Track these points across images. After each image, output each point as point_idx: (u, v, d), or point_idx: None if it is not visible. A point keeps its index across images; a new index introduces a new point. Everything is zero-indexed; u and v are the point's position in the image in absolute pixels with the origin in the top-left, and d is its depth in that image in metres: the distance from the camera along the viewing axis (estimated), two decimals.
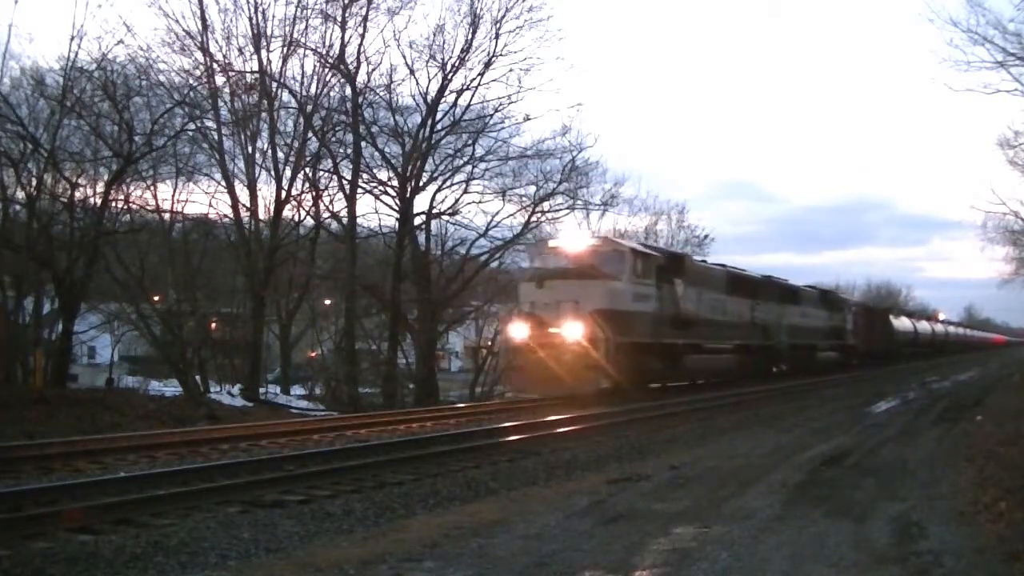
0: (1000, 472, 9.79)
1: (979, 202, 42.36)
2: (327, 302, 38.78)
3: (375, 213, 31.65)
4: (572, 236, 24.52)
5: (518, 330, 20.60)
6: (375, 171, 30.62)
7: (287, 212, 29.79)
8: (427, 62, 29.51)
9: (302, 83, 28.66)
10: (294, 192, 29.46)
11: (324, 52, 28.56)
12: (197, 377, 28.65)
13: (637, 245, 24.51)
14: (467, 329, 44.43)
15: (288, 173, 29.01)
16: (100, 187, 25.25)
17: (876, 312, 56.95)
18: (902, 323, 63.04)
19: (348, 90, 28.77)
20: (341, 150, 29.80)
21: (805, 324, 36.46)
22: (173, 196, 28.83)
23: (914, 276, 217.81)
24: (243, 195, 28.60)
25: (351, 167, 29.41)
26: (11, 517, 7.49)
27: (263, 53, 27.82)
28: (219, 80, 27.63)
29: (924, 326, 73.73)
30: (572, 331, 19.64)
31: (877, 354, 50.83)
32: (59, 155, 23.85)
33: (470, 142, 30.89)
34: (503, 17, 29.04)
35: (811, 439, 14.12)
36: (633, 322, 20.99)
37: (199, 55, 27.25)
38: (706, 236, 47.29)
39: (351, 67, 28.50)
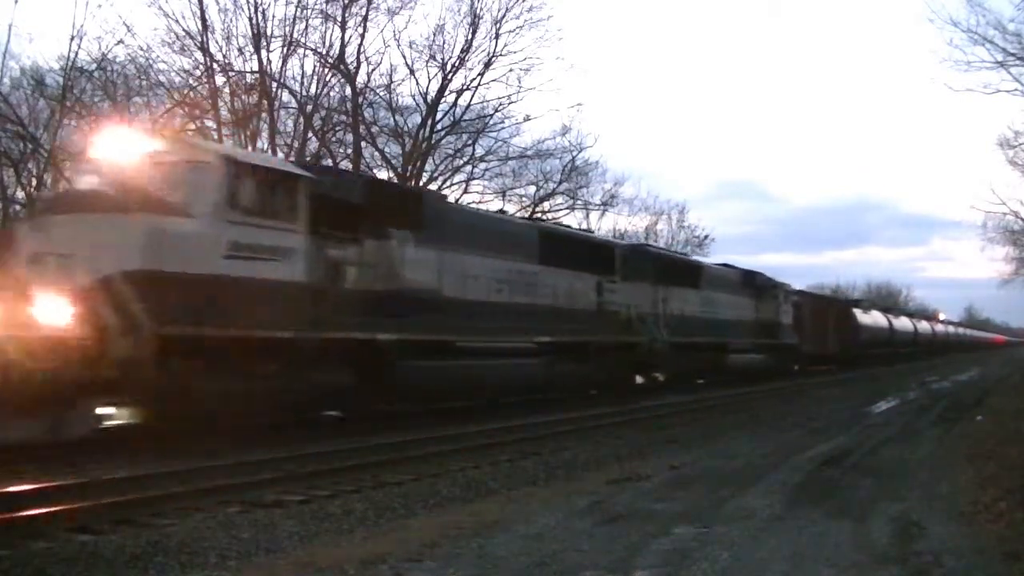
0: (1000, 472, 9.80)
1: (979, 202, 42.43)
2: None
3: None
4: (124, 134, 13.16)
5: None
6: (375, 171, 30.66)
7: None
8: (427, 62, 29.63)
9: (302, 83, 28.67)
10: None
11: (324, 52, 28.58)
12: None
13: (256, 156, 15.59)
14: None
15: None
16: None
17: (832, 305, 46.83)
18: (872, 319, 53.17)
19: (348, 90, 28.80)
20: (341, 150, 29.83)
21: (708, 315, 27.34)
22: None
23: (914, 276, 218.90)
24: None
25: (351, 167, 29.42)
26: (11, 517, 7.48)
27: (263, 53, 27.78)
28: (219, 80, 27.62)
29: (904, 323, 64.11)
30: (52, 314, 10.31)
31: (832, 357, 42.43)
32: (59, 155, 23.87)
33: (470, 142, 31.04)
34: (503, 17, 29.16)
35: (811, 439, 14.13)
36: (231, 299, 11.32)
37: (199, 55, 27.22)
38: (706, 236, 47.42)
39: (351, 67, 28.53)
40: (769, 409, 20.45)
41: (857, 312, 48.93)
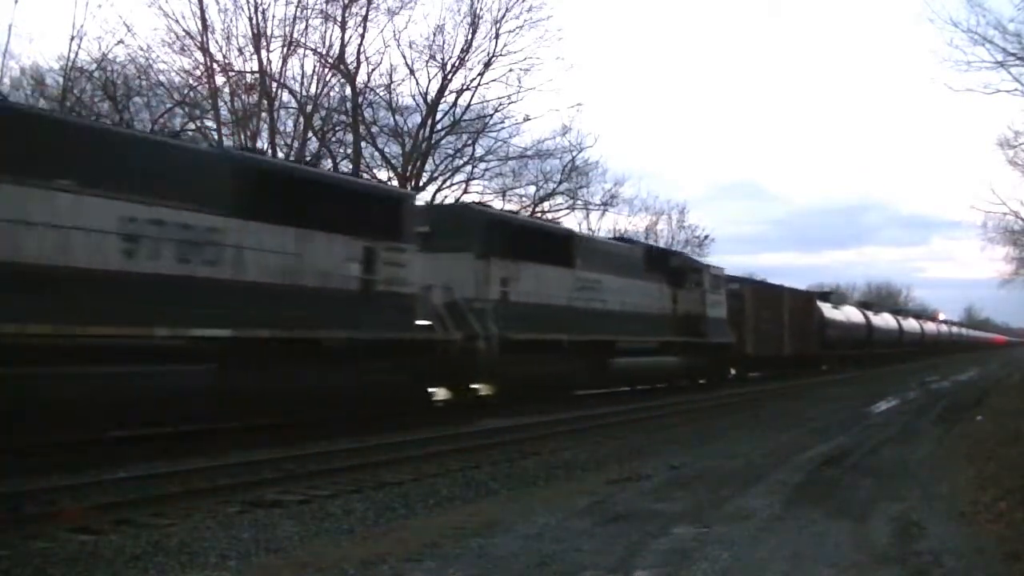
0: (1000, 472, 9.80)
1: (979, 202, 42.62)
2: None
3: None
4: None
5: None
6: (375, 171, 30.71)
7: None
8: (427, 62, 29.67)
9: (302, 83, 28.68)
10: None
11: (324, 52, 28.58)
12: None
13: None
14: None
15: None
16: None
17: (789, 296, 36.77)
18: (845, 315, 46.24)
19: (348, 90, 28.81)
20: (341, 150, 29.85)
21: (586, 304, 20.45)
22: None
23: (914, 276, 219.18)
24: None
25: (351, 167, 29.45)
26: (10, 517, 7.48)
27: (263, 53, 27.80)
28: (219, 80, 27.62)
29: (886, 321, 56.34)
30: None
31: (788, 360, 35.16)
32: None
33: (470, 142, 31.07)
34: (503, 17, 29.21)
35: (811, 439, 14.13)
36: None
37: (199, 55, 27.23)
38: (706, 236, 47.35)
39: (351, 67, 28.54)
40: (769, 409, 20.46)
41: (824, 306, 42.25)
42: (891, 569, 6.21)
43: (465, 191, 31.33)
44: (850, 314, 47.87)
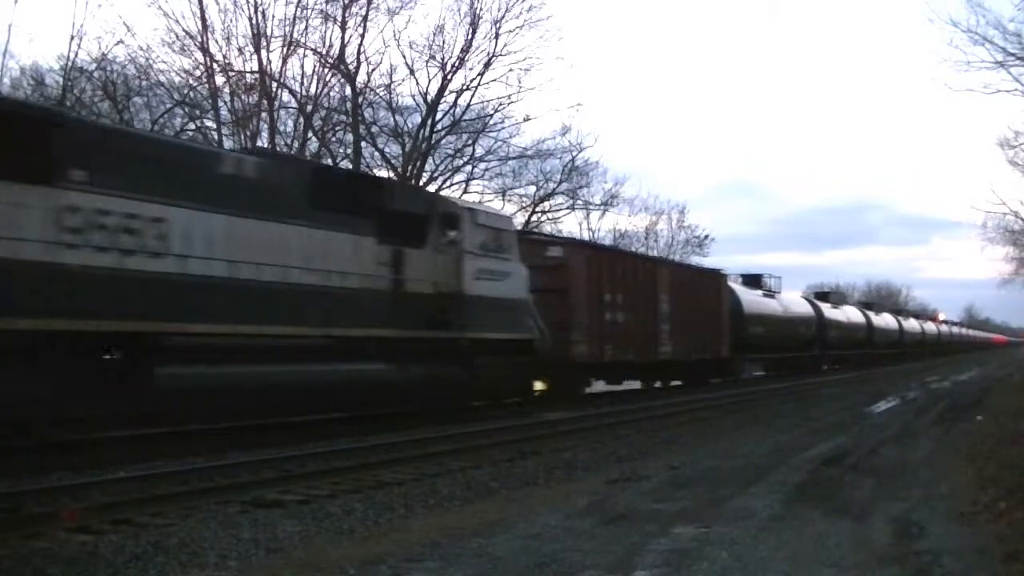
0: (1000, 472, 9.79)
1: (979, 202, 42.74)
2: None
3: None
4: None
5: None
6: (375, 171, 30.70)
7: None
8: (427, 62, 29.69)
9: (302, 83, 28.70)
10: None
11: (324, 52, 28.59)
12: None
13: None
14: None
15: None
16: None
17: (668, 273, 25.29)
18: (784, 307, 35.16)
19: (348, 90, 28.82)
20: (341, 150, 29.87)
21: (80, 258, 9.93)
22: None
23: (914, 276, 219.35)
24: None
25: (351, 167, 29.45)
26: (11, 517, 7.48)
27: (263, 53, 27.81)
28: (219, 80, 27.62)
29: (848, 316, 45.79)
30: None
31: (666, 367, 24.54)
32: None
33: (470, 142, 31.08)
34: (503, 17, 29.24)
35: (811, 439, 14.13)
36: None
37: (199, 55, 27.25)
38: (706, 236, 47.31)
39: (351, 67, 28.56)
40: (769, 409, 20.46)
41: (747, 294, 31.42)
42: (891, 569, 6.21)
43: (465, 191, 31.37)
44: (790, 306, 36.16)
